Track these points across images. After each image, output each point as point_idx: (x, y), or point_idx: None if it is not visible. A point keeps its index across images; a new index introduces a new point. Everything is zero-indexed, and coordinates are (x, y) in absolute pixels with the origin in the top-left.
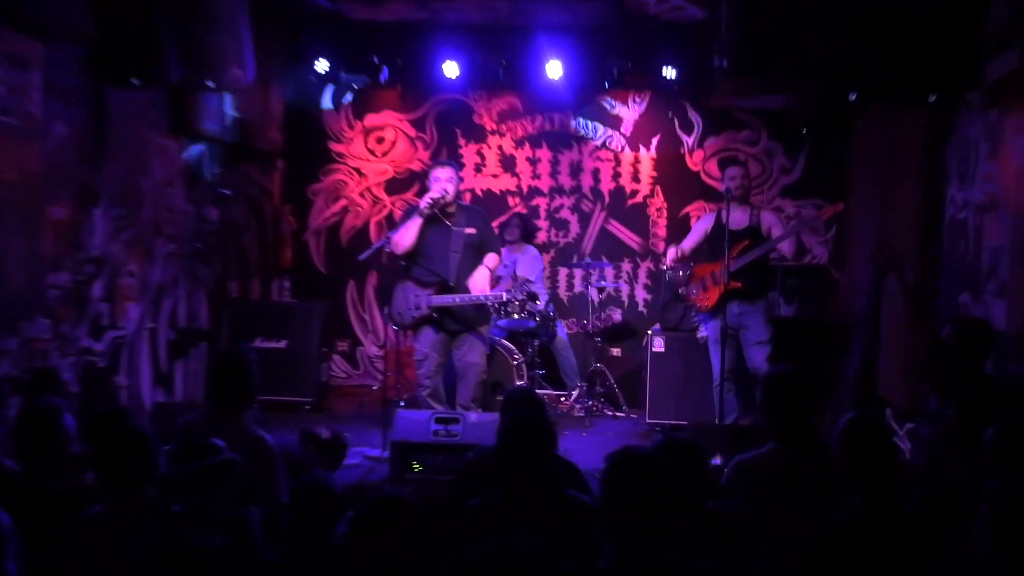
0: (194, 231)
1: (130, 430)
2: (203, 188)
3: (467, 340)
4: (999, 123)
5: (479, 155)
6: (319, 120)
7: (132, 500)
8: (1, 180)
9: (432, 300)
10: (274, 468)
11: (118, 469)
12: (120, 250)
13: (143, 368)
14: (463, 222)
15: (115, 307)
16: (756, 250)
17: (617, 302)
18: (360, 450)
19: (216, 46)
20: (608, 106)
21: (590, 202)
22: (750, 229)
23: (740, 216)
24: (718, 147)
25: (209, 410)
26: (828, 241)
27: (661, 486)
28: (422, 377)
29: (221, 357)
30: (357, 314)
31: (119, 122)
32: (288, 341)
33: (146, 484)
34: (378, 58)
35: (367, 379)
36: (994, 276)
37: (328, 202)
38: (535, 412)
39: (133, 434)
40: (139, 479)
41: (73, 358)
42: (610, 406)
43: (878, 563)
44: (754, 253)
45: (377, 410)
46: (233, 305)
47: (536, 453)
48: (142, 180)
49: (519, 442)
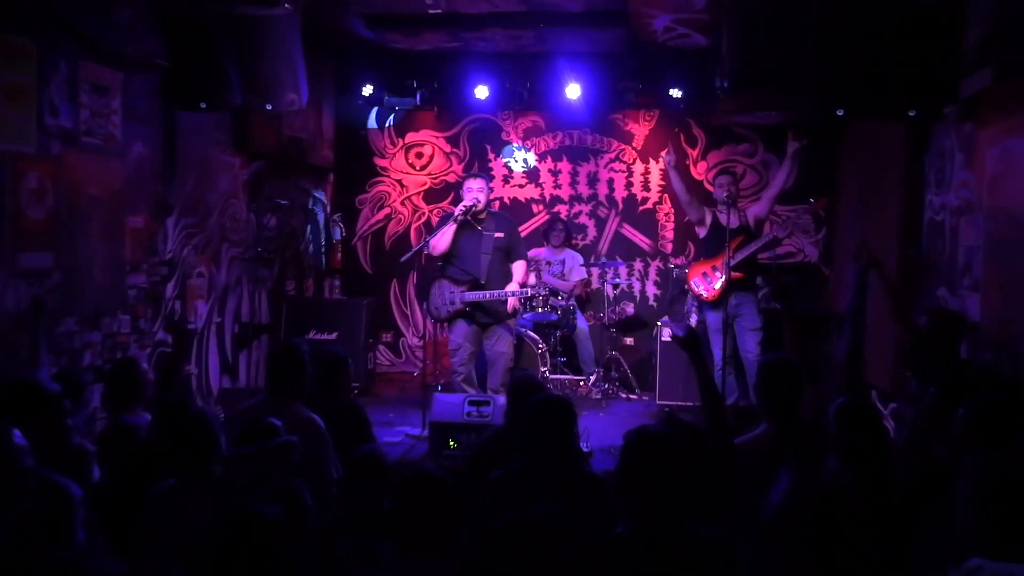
0: (255, 237)
1: (194, 414)
2: (263, 200)
3: (496, 331)
4: (973, 135)
5: (507, 168)
6: (365, 138)
7: (199, 475)
8: (88, 194)
9: (465, 296)
10: (324, 447)
11: (185, 448)
12: (190, 254)
13: (211, 358)
14: (492, 227)
15: (186, 304)
16: (752, 244)
17: (630, 297)
18: (403, 429)
19: (274, 73)
20: (621, 123)
21: (605, 208)
22: (742, 228)
23: (732, 218)
24: (719, 159)
25: (268, 396)
26: (819, 241)
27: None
28: (456, 364)
29: (278, 349)
30: (399, 309)
31: (189, 142)
32: (339, 333)
33: (211, 462)
34: (416, 83)
35: (408, 366)
36: (969, 273)
37: (373, 210)
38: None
39: (197, 418)
40: (204, 457)
41: (149, 350)
42: (624, 389)
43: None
44: (751, 247)
45: (417, 394)
46: (290, 302)
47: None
48: (209, 193)
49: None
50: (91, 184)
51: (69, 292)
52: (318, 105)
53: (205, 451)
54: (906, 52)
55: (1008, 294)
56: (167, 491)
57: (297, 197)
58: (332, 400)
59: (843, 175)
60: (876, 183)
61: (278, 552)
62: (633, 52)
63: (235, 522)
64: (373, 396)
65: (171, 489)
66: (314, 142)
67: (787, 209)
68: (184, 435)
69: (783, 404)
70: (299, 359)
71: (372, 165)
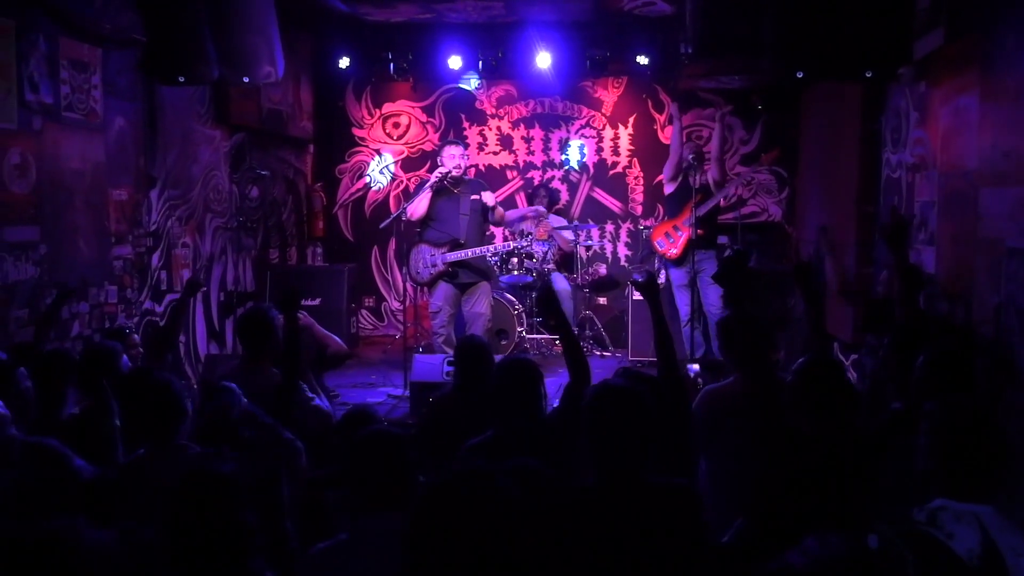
0: (238, 207)
1: (158, 384)
2: (245, 171)
3: (476, 292)
4: (927, 94)
5: (481, 136)
6: (343, 109)
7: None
8: (71, 168)
9: (447, 256)
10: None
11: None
12: (175, 225)
13: (198, 325)
14: (468, 191)
15: (172, 274)
16: (709, 201)
17: (602, 258)
18: (385, 390)
19: (249, 46)
20: (591, 91)
21: (577, 173)
22: (702, 187)
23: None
24: (686, 123)
25: (242, 361)
26: (782, 201)
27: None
28: (436, 327)
29: (245, 316)
30: (380, 274)
31: (170, 115)
32: (322, 299)
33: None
34: (391, 54)
35: (390, 329)
36: (924, 227)
37: (353, 180)
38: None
39: (161, 387)
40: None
41: (137, 319)
42: (598, 347)
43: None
44: (708, 204)
45: (399, 356)
46: (273, 270)
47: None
48: (192, 165)
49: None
50: (74, 158)
51: (56, 264)
52: (296, 78)
53: (170, 420)
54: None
55: (959, 247)
56: (138, 461)
57: (278, 168)
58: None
59: (804, 136)
60: (835, 144)
61: (231, 507)
62: (601, 21)
63: (186, 480)
64: (357, 359)
65: (141, 459)
66: (293, 114)
67: (748, 170)
68: (149, 405)
69: (748, 357)
70: (267, 323)
71: (351, 135)
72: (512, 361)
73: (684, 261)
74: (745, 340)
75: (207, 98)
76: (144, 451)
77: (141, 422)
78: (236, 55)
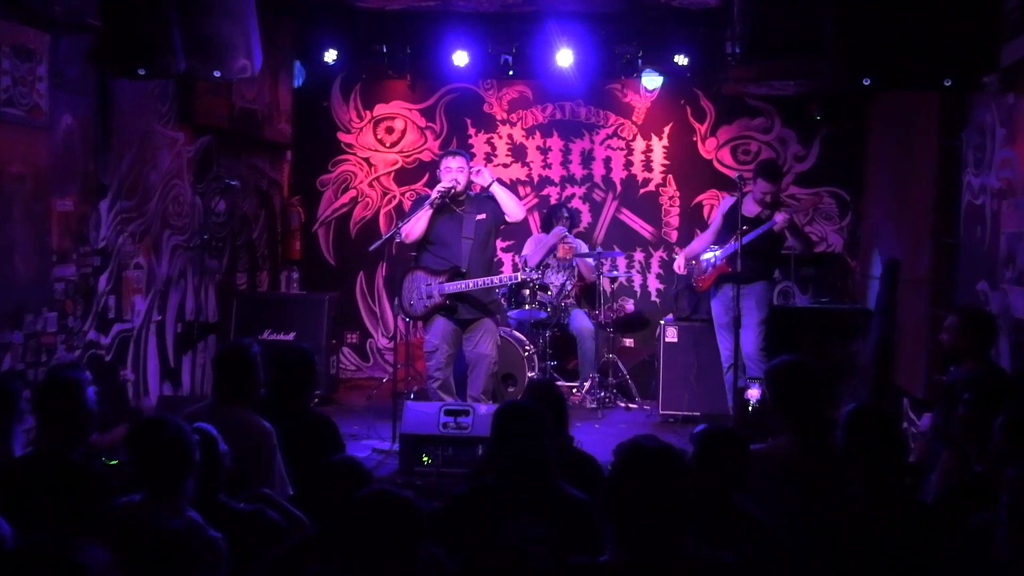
0: (202, 223)
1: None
2: (211, 180)
3: (479, 330)
4: (1016, 107)
5: (489, 145)
6: (328, 110)
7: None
8: (8, 173)
9: (445, 287)
10: (272, 459)
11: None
12: (127, 242)
13: (150, 361)
14: (473, 210)
15: (122, 300)
16: (750, 234)
17: (629, 292)
18: (370, 443)
19: (223, 35)
20: (619, 94)
21: (602, 191)
22: (756, 219)
23: (753, 208)
24: (731, 135)
25: (214, 402)
26: (843, 229)
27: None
28: (432, 369)
29: (224, 350)
30: (367, 306)
31: (126, 113)
32: (297, 333)
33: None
34: (387, 48)
35: (377, 371)
36: (1012, 264)
37: (337, 193)
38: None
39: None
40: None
41: (79, 351)
42: (623, 397)
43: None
44: (747, 237)
45: (386, 403)
46: (241, 297)
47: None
48: (149, 172)
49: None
50: (12, 162)
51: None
52: (274, 73)
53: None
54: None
55: None
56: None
57: (250, 177)
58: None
59: (870, 154)
60: (907, 163)
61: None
62: (633, 13)
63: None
64: (336, 405)
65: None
66: (269, 115)
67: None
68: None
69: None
70: (248, 361)
71: (336, 141)
72: (511, 405)
73: (719, 295)
74: (800, 393)
75: (170, 94)
76: (140, 498)
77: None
78: (206, 45)
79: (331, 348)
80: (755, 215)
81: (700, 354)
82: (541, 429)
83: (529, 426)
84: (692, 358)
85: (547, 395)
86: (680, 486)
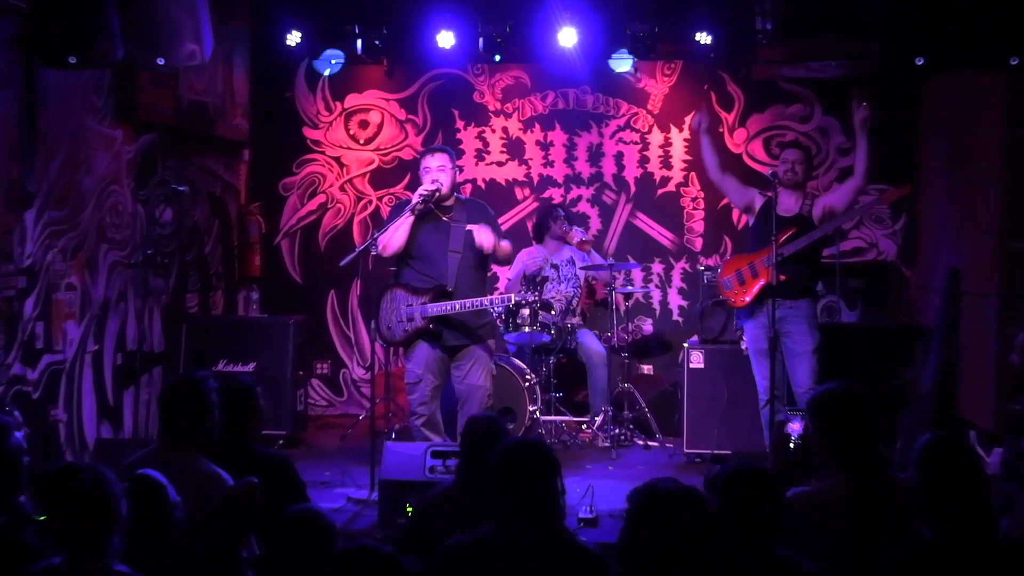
0: (145, 236)
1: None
2: (155, 185)
3: (469, 358)
4: None
5: (481, 140)
6: (291, 102)
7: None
8: None
9: (427, 310)
10: None
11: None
12: (57, 260)
13: (85, 399)
14: (462, 217)
15: (51, 327)
16: (803, 239)
17: (647, 310)
18: (344, 491)
19: (167, 17)
20: (632, 79)
21: (613, 193)
22: (799, 217)
23: (789, 203)
24: (763, 125)
25: (161, 447)
26: (896, 234)
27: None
28: (415, 403)
29: (172, 386)
30: (339, 330)
31: (55, 109)
32: (257, 364)
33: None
34: (359, 28)
35: (352, 407)
36: None
37: (303, 199)
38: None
39: (89, 486)
40: (100, 530)
41: (2, 388)
42: (641, 434)
43: None
44: (800, 242)
45: (363, 444)
46: (191, 322)
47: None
48: (83, 177)
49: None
50: None
51: None
52: (228, 59)
53: (98, 526)
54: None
55: None
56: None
57: (200, 181)
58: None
59: (925, 147)
60: (969, 157)
61: None
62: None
63: None
64: (305, 447)
65: (55, 569)
66: (223, 108)
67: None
68: (73, 506)
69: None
70: (201, 398)
71: (301, 138)
72: (518, 443)
73: (756, 315)
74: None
75: (107, 86)
76: (61, 561)
77: (62, 526)
78: (148, 29)
79: (298, 380)
80: (795, 213)
81: (731, 382)
82: (553, 471)
83: (539, 467)
84: (722, 386)
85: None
86: (705, 535)
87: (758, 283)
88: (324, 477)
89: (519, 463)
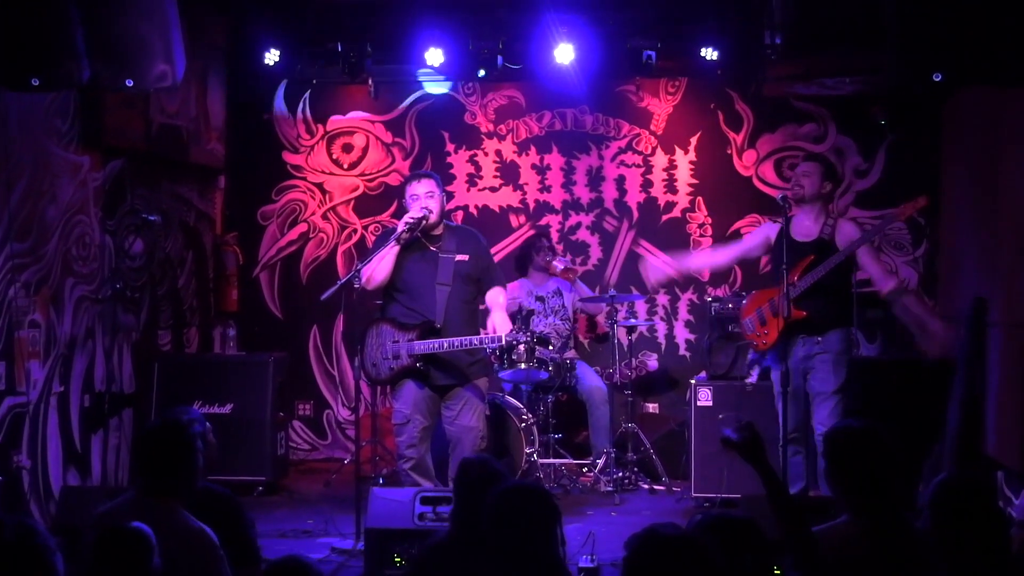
0: (114, 269)
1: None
2: (124, 215)
3: (460, 398)
4: None
5: (473, 164)
6: (270, 125)
7: None
8: None
9: (414, 347)
10: (218, 568)
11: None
12: (19, 295)
13: (51, 444)
14: (452, 247)
15: (14, 367)
16: (820, 267)
17: (652, 344)
18: (328, 541)
19: (136, 36)
20: (634, 98)
21: (614, 219)
22: (818, 242)
23: (807, 224)
24: (775, 146)
25: (136, 496)
26: (917, 260)
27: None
28: (403, 446)
29: (151, 430)
30: (322, 368)
31: (16, 134)
32: (235, 405)
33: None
34: (341, 46)
35: (336, 451)
36: None
37: (283, 228)
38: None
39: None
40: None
41: None
42: (646, 477)
43: None
44: (818, 271)
45: (348, 490)
46: (164, 361)
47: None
48: (47, 206)
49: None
50: None
51: None
52: (202, 79)
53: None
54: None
55: None
56: None
57: (173, 210)
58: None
59: (948, 168)
60: (995, 179)
61: None
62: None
63: None
64: (286, 494)
65: None
66: (197, 132)
67: (870, 215)
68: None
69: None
70: (182, 442)
71: (280, 163)
72: (515, 488)
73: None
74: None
75: (72, 110)
76: None
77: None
78: (116, 48)
79: (278, 422)
80: (815, 238)
81: (741, 420)
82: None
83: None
84: (731, 426)
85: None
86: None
87: (779, 322)
88: (306, 526)
89: (516, 510)
